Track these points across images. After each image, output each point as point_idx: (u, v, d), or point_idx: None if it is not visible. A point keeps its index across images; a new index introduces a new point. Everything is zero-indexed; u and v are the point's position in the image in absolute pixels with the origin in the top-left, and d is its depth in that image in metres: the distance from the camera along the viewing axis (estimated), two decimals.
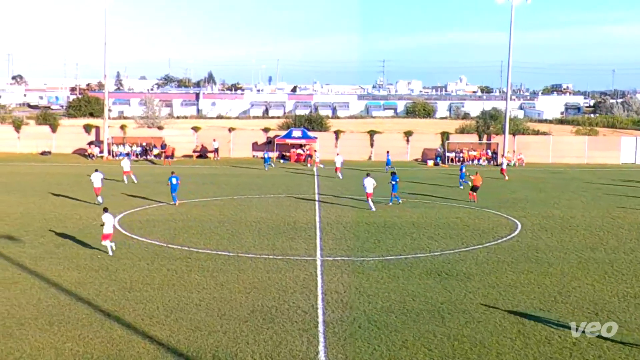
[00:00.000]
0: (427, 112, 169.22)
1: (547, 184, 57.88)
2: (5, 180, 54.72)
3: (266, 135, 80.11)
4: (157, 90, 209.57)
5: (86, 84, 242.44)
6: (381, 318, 21.93)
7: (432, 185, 54.37)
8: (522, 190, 53.58)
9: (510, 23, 75.26)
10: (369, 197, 42.36)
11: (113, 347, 19.26)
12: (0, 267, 27.33)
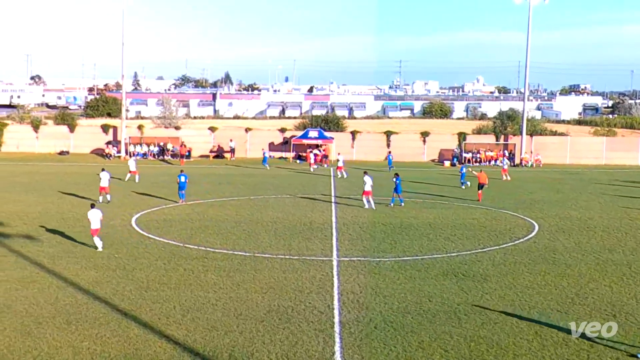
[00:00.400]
0: (444, 113, 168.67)
1: (565, 185, 57.57)
2: (24, 179, 55.10)
3: (283, 135, 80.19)
4: (174, 90, 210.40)
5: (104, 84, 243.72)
6: (397, 319, 21.90)
7: (449, 186, 54.17)
8: (540, 191, 53.32)
9: (528, 23, 74.99)
10: (364, 195, 42.80)
11: (130, 346, 19.35)
12: (19, 266, 27.52)
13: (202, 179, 57.05)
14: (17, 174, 58.80)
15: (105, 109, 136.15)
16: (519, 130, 78.94)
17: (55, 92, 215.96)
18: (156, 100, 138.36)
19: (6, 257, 28.98)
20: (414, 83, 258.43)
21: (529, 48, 76.07)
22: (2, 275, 26.19)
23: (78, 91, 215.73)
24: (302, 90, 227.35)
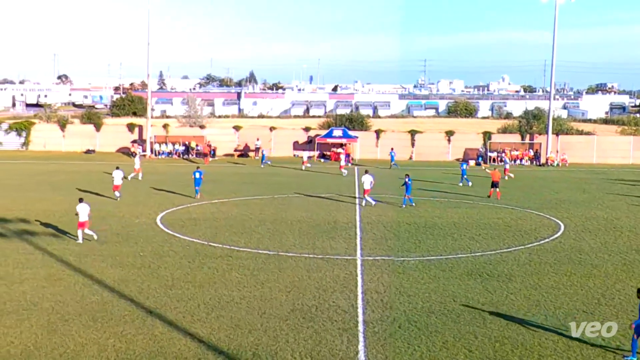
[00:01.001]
0: (469, 112, 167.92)
1: (591, 185, 57.07)
2: (51, 178, 55.60)
3: (307, 134, 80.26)
4: (199, 89, 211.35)
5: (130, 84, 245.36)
6: (421, 318, 21.83)
7: (474, 186, 53.89)
8: (565, 191, 52.91)
9: (554, 21, 74.44)
10: (365, 194, 43.07)
11: (155, 344, 19.46)
12: (46, 264, 27.79)
13: (226, 178, 57.26)
14: (43, 173, 59.36)
15: (131, 108, 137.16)
16: (544, 130, 78.40)
17: (81, 91, 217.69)
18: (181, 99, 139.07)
19: (33, 255, 29.27)
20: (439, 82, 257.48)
21: (555, 46, 75.60)
22: (29, 273, 26.45)
23: (104, 90, 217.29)
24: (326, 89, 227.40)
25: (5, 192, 47.15)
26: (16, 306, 22.49)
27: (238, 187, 51.28)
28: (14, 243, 31.27)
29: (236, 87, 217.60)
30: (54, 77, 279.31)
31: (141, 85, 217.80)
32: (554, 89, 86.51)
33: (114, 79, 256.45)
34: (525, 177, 61.85)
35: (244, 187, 51.48)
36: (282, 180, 57.04)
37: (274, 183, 54.54)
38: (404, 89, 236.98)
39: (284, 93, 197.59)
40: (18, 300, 23.14)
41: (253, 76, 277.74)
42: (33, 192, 47.50)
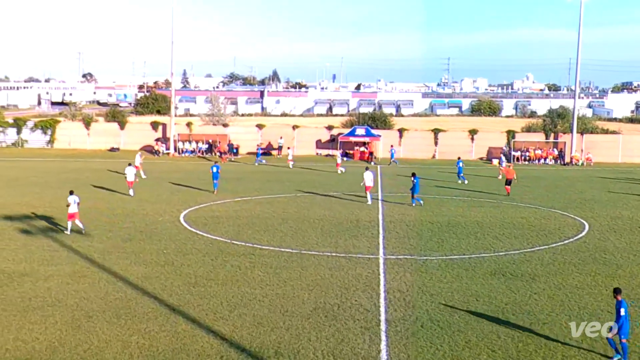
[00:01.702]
0: (492, 111, 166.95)
1: (616, 184, 56.54)
2: (76, 176, 56.03)
3: (330, 133, 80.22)
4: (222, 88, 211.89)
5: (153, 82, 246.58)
6: (444, 318, 21.77)
7: (497, 185, 53.58)
8: (590, 190, 52.48)
9: (579, 19, 73.83)
10: (367, 190, 43.53)
11: (178, 341, 19.56)
12: (70, 261, 28.02)
13: (249, 176, 57.40)
14: (68, 170, 59.84)
15: (155, 107, 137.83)
16: (569, 129, 77.76)
17: (106, 89, 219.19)
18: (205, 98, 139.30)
19: (58, 252, 29.53)
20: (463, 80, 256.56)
21: (580, 44, 74.98)
22: (54, 269, 26.69)
23: (128, 89, 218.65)
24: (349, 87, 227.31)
25: (31, 189, 47.60)
26: (41, 302, 22.72)
27: (261, 185, 51.37)
28: (39, 240, 31.57)
29: (259, 86, 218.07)
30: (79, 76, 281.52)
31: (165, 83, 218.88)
32: (579, 88, 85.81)
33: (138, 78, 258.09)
34: (549, 177, 61.41)
35: (266, 185, 51.57)
36: (305, 178, 57.06)
37: (296, 181, 54.58)
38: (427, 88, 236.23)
39: (307, 91, 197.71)
40: (43, 296, 23.37)
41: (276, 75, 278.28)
42: (58, 189, 47.87)
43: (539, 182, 57.00)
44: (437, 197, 46.36)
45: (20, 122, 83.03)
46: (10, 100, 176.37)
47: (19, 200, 42.01)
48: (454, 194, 48.58)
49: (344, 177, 58.06)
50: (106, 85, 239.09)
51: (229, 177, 55.68)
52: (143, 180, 52.89)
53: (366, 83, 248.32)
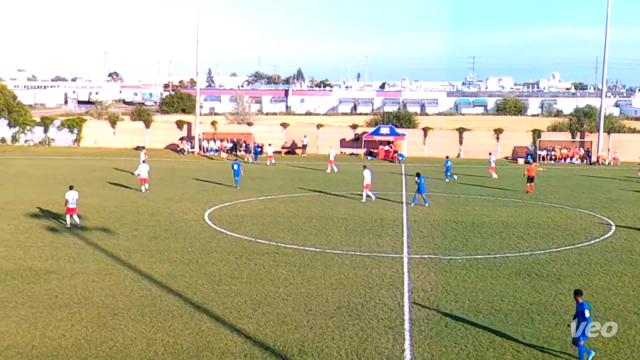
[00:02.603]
0: (518, 109, 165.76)
1: None
2: (102, 174, 56.47)
3: (354, 131, 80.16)
4: (247, 87, 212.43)
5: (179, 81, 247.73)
6: (468, 317, 21.68)
7: (522, 184, 53.22)
8: (617, 190, 51.99)
9: (606, 17, 73.14)
10: (366, 188, 43.94)
11: (202, 339, 19.65)
12: (96, 259, 28.25)
13: (273, 175, 57.50)
14: (95, 169, 60.33)
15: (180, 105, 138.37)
16: (596, 128, 77.08)
17: (131, 88, 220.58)
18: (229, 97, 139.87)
19: (84, 249, 29.78)
20: (488, 79, 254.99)
21: (607, 43, 74.20)
22: (80, 267, 26.93)
23: (154, 87, 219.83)
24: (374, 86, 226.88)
25: (57, 187, 47.97)
26: (68, 300, 22.93)
27: (285, 184, 51.44)
28: (66, 237, 31.87)
29: (284, 85, 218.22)
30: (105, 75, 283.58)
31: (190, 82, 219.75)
32: (606, 86, 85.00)
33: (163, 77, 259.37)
34: (575, 176, 60.90)
35: (290, 184, 51.63)
36: (330, 177, 57.07)
37: (321, 180, 54.60)
38: (452, 87, 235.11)
39: (331, 90, 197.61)
40: (69, 294, 23.58)
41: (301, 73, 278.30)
42: (84, 187, 48.18)
43: (565, 182, 56.58)
44: (461, 197, 46.17)
45: (47, 120, 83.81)
46: (37, 99, 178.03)
47: (46, 198, 42.40)
48: (479, 193, 48.36)
49: None
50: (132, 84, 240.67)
51: (253, 175, 55.85)
52: (168, 179, 53.21)
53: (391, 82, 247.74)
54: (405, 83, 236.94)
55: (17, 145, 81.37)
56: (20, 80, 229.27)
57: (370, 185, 44.19)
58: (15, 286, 24.33)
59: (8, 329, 20.09)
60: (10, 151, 74.82)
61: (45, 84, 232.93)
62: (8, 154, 71.72)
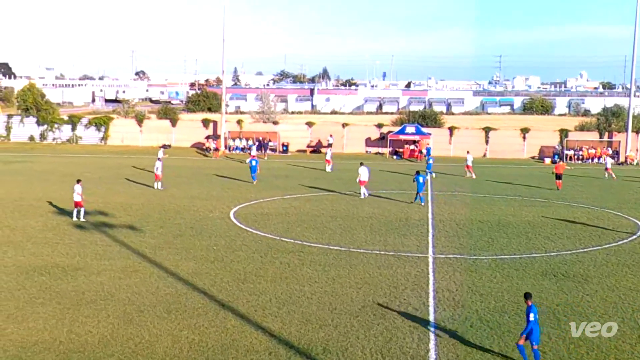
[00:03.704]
0: (545, 109, 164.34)
1: None
2: (128, 172, 56.87)
3: (379, 131, 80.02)
4: (272, 85, 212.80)
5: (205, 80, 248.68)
6: (494, 318, 21.57)
7: (549, 184, 52.83)
8: None
9: (635, 15, 72.29)
10: (362, 185, 44.86)
11: (227, 336, 19.72)
12: (122, 256, 28.46)
13: (298, 174, 57.56)
14: (121, 167, 60.76)
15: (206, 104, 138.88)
16: (624, 127, 76.27)
17: (158, 87, 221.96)
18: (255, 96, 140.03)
19: (110, 246, 30.02)
20: (514, 78, 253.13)
21: (636, 41, 73.37)
22: (107, 264, 27.14)
23: (180, 86, 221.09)
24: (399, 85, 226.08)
25: (85, 185, 48.28)
26: (94, 296, 23.12)
27: (310, 183, 51.48)
28: (92, 235, 32.14)
29: (309, 84, 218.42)
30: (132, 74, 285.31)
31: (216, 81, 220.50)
32: (634, 85, 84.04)
33: (189, 75, 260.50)
34: (603, 176, 60.27)
35: (316, 183, 51.65)
36: (355, 176, 56.88)
37: (346, 179, 54.51)
38: (479, 86, 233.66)
39: (356, 89, 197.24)
40: (96, 290, 23.78)
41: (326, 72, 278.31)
42: (111, 185, 48.69)
43: (592, 182, 56.08)
44: (487, 196, 45.93)
45: (74, 119, 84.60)
46: (65, 98, 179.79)
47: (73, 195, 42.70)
48: (505, 192, 48.07)
49: (393, 176, 57.85)
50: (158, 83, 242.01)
51: (278, 174, 56.00)
52: (194, 177, 53.51)
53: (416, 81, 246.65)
54: (431, 82, 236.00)
55: (46, 143, 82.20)
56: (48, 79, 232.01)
57: (366, 182, 44.86)
58: (43, 282, 24.59)
59: (36, 325, 20.31)
60: (39, 149, 75.60)
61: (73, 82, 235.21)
62: (36, 151, 72.46)
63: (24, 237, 31.56)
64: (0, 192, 44.72)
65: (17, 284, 24.34)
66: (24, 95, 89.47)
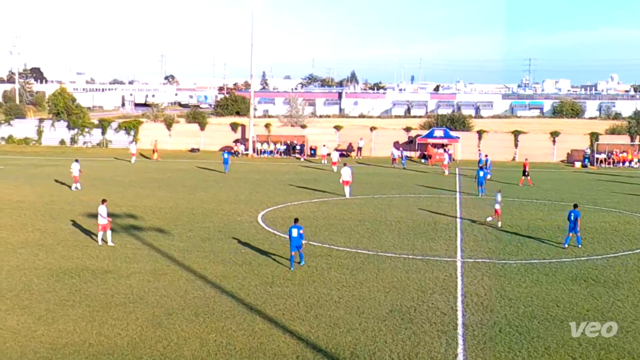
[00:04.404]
0: (575, 112, 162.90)
1: None
2: (157, 176, 57.25)
3: (408, 134, 79.81)
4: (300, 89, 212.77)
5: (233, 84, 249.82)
6: (523, 323, 21.39)
7: (579, 188, 52.37)
8: None
9: None
10: (346, 185, 45.97)
11: (255, 340, 19.76)
12: (151, 259, 28.65)
13: (326, 177, 57.54)
14: (150, 170, 61.19)
15: (234, 108, 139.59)
16: None
17: (187, 91, 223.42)
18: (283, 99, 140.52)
19: (140, 250, 30.22)
20: (544, 81, 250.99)
21: None
22: (136, 267, 27.33)
23: (209, 90, 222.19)
24: (427, 89, 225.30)
25: (114, 188, 48.84)
26: (123, 299, 23.29)
27: (338, 187, 51.38)
28: (122, 238, 32.37)
29: (337, 87, 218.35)
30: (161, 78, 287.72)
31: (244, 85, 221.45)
32: None
33: (218, 79, 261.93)
34: (634, 180, 59.60)
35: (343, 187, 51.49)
36: (383, 180, 56.89)
37: (374, 183, 54.46)
38: (508, 89, 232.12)
39: (385, 93, 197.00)
40: (125, 293, 23.96)
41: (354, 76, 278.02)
42: (140, 189, 49.03)
43: (623, 186, 55.42)
44: (516, 200, 45.60)
45: (105, 123, 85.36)
46: (95, 102, 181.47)
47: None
48: (534, 197, 47.71)
49: (418, 180, 57.64)
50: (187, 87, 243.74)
51: (306, 178, 56.05)
52: (222, 181, 53.74)
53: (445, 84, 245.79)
54: (459, 85, 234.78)
55: (76, 147, 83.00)
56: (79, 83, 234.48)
57: (349, 182, 45.76)
58: (73, 285, 24.82)
59: (66, 327, 20.51)
60: (70, 153, 76.30)
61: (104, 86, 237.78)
62: (67, 155, 73.14)
63: (54, 240, 31.90)
64: (32, 195, 45.24)
65: (47, 287, 24.61)
66: (55, 99, 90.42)
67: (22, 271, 26.55)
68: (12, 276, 25.87)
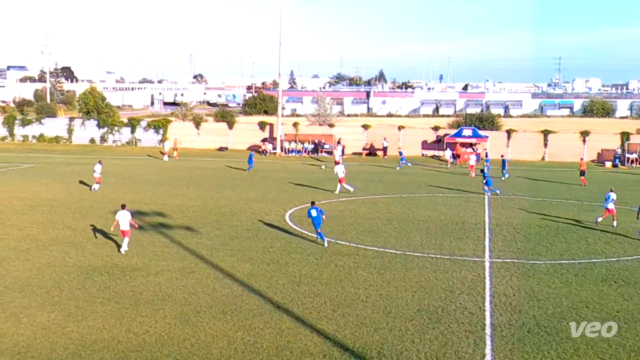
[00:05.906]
0: (605, 111, 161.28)
1: None
2: (186, 174, 57.59)
3: (436, 134, 79.50)
4: (328, 88, 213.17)
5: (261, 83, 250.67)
6: (552, 324, 21.21)
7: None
8: None
9: None
10: (341, 182, 47.09)
11: (282, 338, 19.80)
12: (179, 257, 28.81)
13: (354, 176, 57.49)
14: (179, 169, 61.57)
15: (262, 107, 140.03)
16: None
17: (215, 90, 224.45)
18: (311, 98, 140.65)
19: (168, 247, 30.41)
20: (574, 80, 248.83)
21: None
22: (164, 265, 27.51)
23: (237, 89, 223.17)
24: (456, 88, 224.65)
25: (143, 187, 49.23)
26: (152, 297, 23.46)
27: (366, 186, 51.39)
28: (151, 236, 32.60)
29: (365, 86, 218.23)
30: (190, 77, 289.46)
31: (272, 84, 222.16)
32: None
33: (246, 79, 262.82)
34: None
35: (371, 186, 51.55)
36: (410, 179, 56.73)
37: (402, 182, 54.35)
38: (537, 88, 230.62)
39: (413, 92, 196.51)
40: (154, 290, 24.12)
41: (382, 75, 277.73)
42: (169, 187, 49.35)
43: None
44: (546, 200, 45.24)
45: (134, 121, 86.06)
46: (125, 101, 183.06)
47: (132, 197, 43.45)
48: (564, 196, 47.30)
49: (448, 179, 57.40)
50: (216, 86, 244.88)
51: (334, 177, 55.99)
52: (250, 180, 53.90)
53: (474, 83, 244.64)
54: (488, 84, 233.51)
55: (106, 145, 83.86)
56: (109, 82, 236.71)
57: (344, 179, 46.96)
58: (103, 282, 25.05)
59: (95, 324, 20.70)
60: (99, 151, 77.08)
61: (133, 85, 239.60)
62: (97, 153, 73.84)
63: (84, 238, 32.22)
64: (62, 193, 45.74)
65: (77, 284, 24.86)
66: (86, 98, 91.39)
67: (53, 268, 26.86)
68: (42, 273, 26.18)
